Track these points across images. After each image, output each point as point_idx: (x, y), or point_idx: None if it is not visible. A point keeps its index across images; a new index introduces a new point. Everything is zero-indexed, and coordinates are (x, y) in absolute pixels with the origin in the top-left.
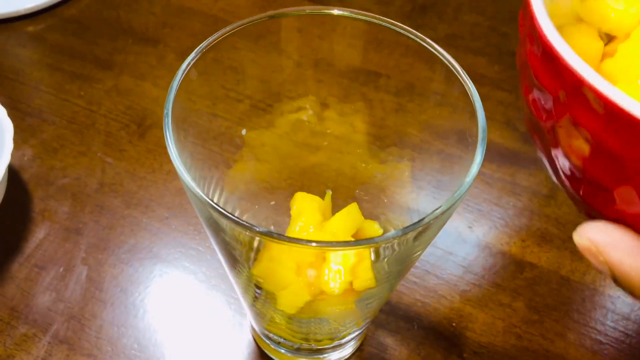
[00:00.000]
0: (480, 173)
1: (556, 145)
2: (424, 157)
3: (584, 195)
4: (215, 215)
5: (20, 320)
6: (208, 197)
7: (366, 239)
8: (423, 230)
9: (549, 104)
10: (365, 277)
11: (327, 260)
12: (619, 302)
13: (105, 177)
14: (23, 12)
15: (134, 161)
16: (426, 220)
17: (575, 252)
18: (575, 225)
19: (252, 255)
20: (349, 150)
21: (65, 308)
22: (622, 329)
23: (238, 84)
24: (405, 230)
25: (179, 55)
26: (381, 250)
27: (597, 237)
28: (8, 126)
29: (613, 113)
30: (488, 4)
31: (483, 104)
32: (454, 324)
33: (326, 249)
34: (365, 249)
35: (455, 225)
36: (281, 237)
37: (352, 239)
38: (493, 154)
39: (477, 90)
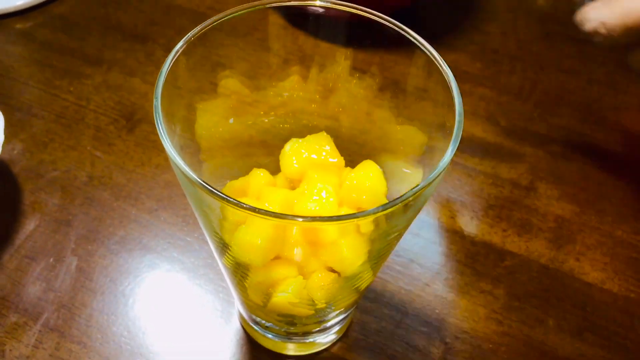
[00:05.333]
0: (462, 166)
1: None
2: (407, 149)
3: None
4: (204, 194)
5: (10, 309)
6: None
7: (348, 214)
8: (406, 205)
9: None
10: (347, 254)
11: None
12: (596, 289)
13: (94, 170)
14: (13, 10)
15: (122, 155)
16: (408, 194)
17: (554, 241)
18: (555, 216)
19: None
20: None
21: (55, 297)
22: (599, 315)
23: (224, 79)
24: (386, 206)
25: (167, 52)
26: (364, 226)
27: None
28: None
29: None
30: (471, 3)
31: (465, 100)
32: (437, 311)
33: (308, 224)
34: (349, 224)
35: (438, 216)
36: (263, 211)
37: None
38: (475, 148)
39: (459, 87)
